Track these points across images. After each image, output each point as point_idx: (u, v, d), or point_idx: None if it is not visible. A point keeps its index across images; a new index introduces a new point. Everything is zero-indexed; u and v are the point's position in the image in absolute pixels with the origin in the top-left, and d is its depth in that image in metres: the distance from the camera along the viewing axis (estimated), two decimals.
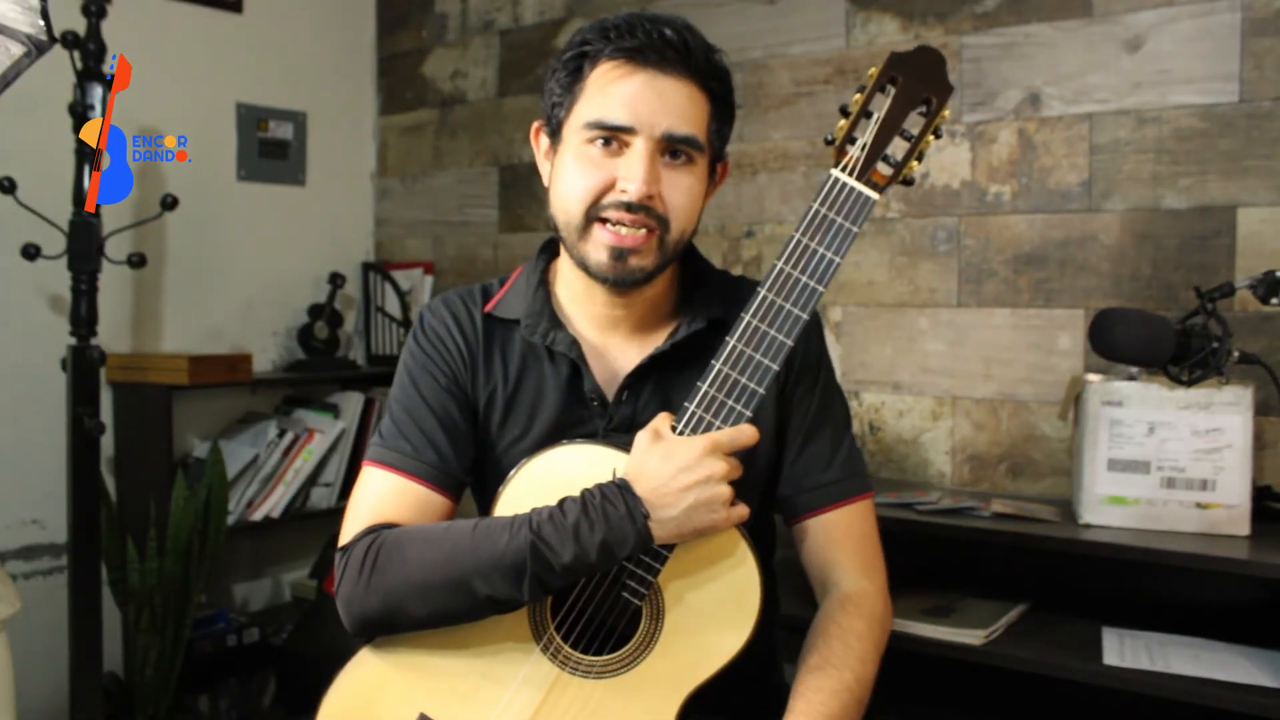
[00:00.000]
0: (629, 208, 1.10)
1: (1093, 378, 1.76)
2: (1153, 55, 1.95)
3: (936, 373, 2.18)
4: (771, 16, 2.38)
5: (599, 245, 1.12)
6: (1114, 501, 1.71)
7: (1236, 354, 1.65)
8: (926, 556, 1.97)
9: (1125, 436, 1.70)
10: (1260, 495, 1.74)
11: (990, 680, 1.76)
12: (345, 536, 1.16)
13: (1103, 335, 1.69)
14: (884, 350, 2.24)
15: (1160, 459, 1.68)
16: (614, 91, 1.11)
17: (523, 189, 2.81)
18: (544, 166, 1.22)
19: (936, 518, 1.81)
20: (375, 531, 1.13)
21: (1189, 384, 1.67)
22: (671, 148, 1.12)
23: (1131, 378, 1.72)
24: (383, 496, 1.17)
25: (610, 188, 1.11)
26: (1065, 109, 2.03)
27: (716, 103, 1.16)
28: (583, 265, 1.15)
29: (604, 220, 1.12)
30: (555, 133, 1.18)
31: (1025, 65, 2.07)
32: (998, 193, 2.11)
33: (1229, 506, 1.65)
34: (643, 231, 1.11)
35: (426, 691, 1.11)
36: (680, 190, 1.13)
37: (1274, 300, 1.62)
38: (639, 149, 1.10)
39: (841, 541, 1.20)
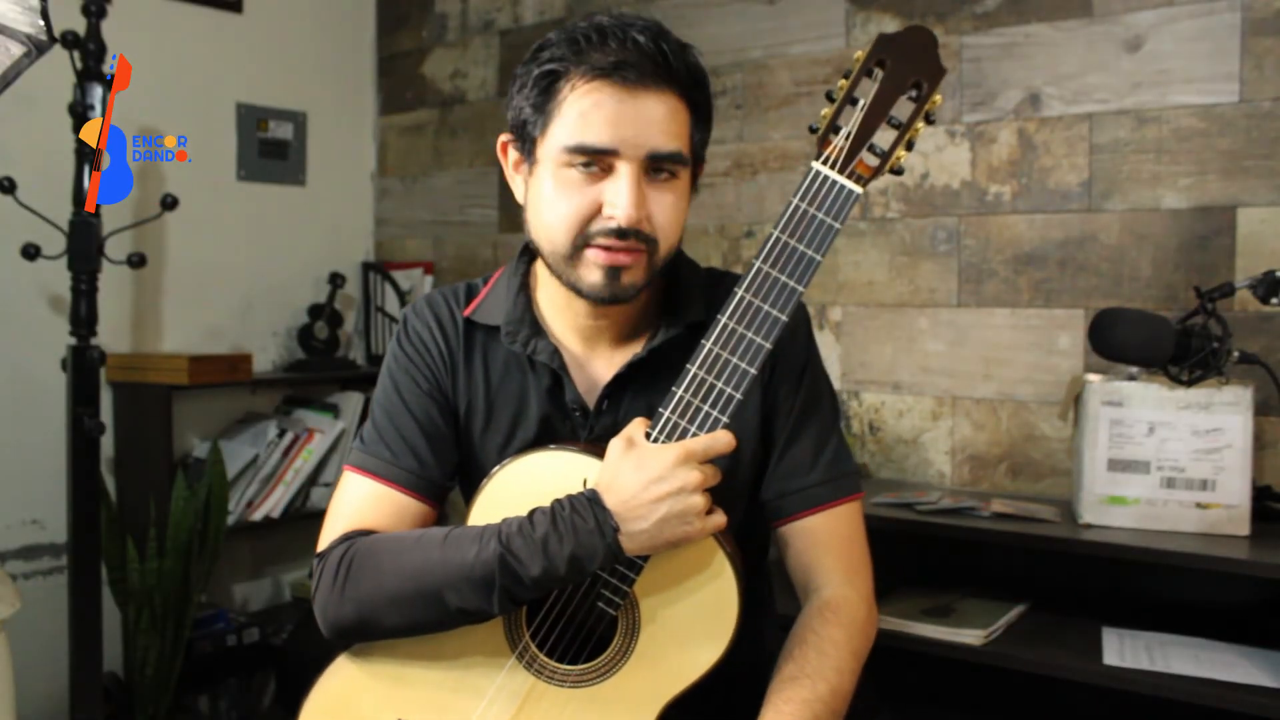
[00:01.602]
0: (619, 234, 1.06)
1: (1093, 378, 1.76)
2: (1153, 55, 1.95)
3: (936, 373, 2.18)
4: (771, 16, 2.38)
5: (592, 267, 1.08)
6: (1114, 501, 1.71)
7: (1236, 354, 1.65)
8: (926, 556, 1.97)
9: (1125, 436, 1.70)
10: (1260, 495, 1.74)
11: (990, 680, 1.76)
12: (323, 543, 1.15)
13: (1103, 335, 1.69)
14: (884, 350, 2.24)
15: (1160, 459, 1.68)
16: (594, 113, 1.05)
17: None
18: (515, 182, 1.18)
19: (936, 518, 1.81)
20: (350, 539, 1.12)
21: (1189, 384, 1.67)
22: (656, 165, 1.08)
23: (1131, 378, 1.72)
24: (361, 503, 1.16)
25: (596, 213, 1.07)
26: (1065, 109, 2.03)
27: (697, 110, 1.12)
28: (573, 287, 1.11)
29: (593, 246, 1.08)
30: (528, 151, 1.13)
31: (1025, 65, 2.07)
32: (998, 193, 2.11)
33: (1229, 506, 1.65)
34: (634, 252, 1.08)
35: (403, 698, 1.11)
36: (667, 208, 1.09)
37: (1274, 300, 1.62)
38: (624, 173, 1.05)
39: (824, 546, 1.16)
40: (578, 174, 1.07)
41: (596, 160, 1.06)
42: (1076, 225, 2.03)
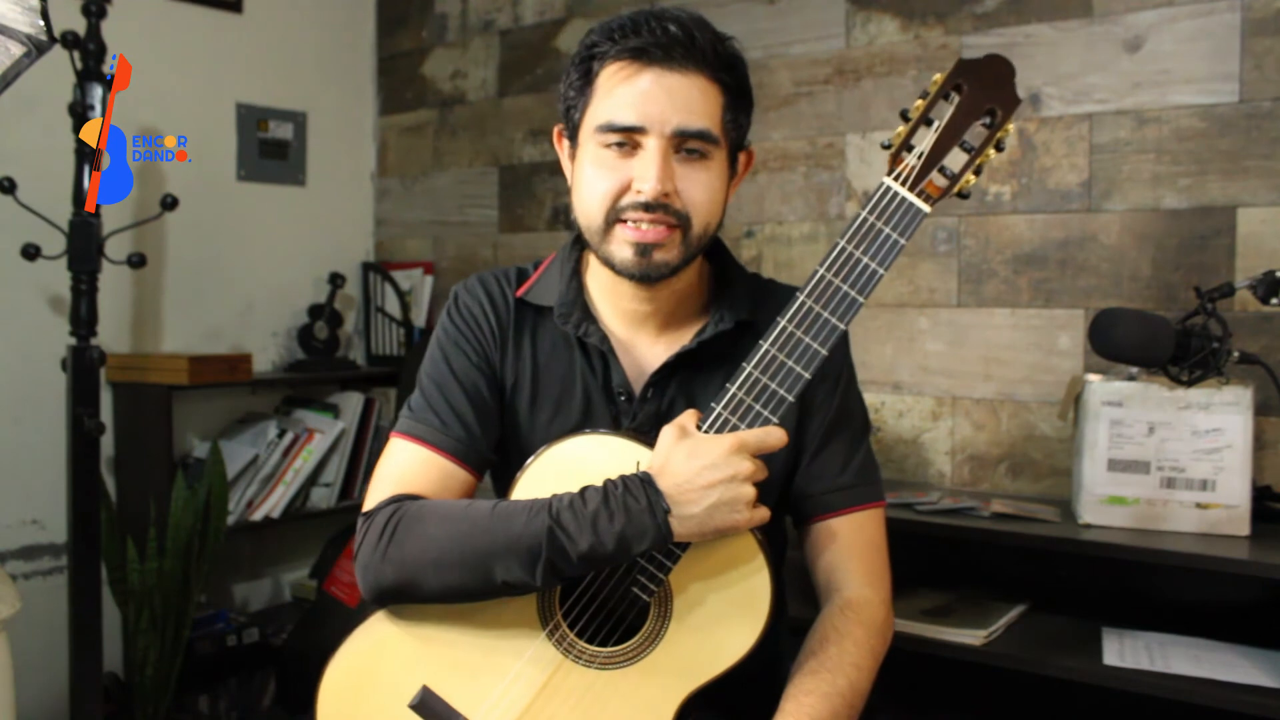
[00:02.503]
0: (646, 208, 1.10)
1: (1093, 378, 1.76)
2: (1153, 55, 1.95)
3: (936, 373, 2.18)
4: (771, 16, 2.38)
5: (622, 243, 1.12)
6: (1114, 501, 1.71)
7: (1236, 354, 1.65)
8: (926, 556, 1.97)
9: (1125, 436, 1.70)
10: (1260, 495, 1.74)
11: (990, 680, 1.76)
12: (369, 504, 1.17)
13: (1103, 335, 1.69)
14: (884, 350, 2.24)
15: (1160, 459, 1.68)
16: (622, 92, 1.11)
17: (523, 189, 2.81)
18: (568, 169, 1.22)
19: (936, 518, 1.81)
20: (399, 501, 1.14)
21: (1189, 384, 1.67)
22: (685, 144, 1.11)
23: (1131, 378, 1.72)
24: (408, 468, 1.18)
25: (627, 189, 1.11)
26: (1065, 109, 2.03)
27: (730, 93, 1.15)
28: (609, 264, 1.15)
29: (623, 221, 1.12)
30: (573, 136, 1.18)
31: (1025, 65, 2.07)
32: (998, 193, 2.11)
33: (1229, 506, 1.65)
34: (663, 227, 1.11)
35: (432, 664, 1.12)
36: (698, 185, 1.12)
37: (1274, 300, 1.62)
38: (651, 148, 1.10)
39: (849, 548, 1.19)
40: (611, 153, 1.12)
41: (626, 138, 1.11)
42: (1076, 225, 2.03)
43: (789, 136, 2.35)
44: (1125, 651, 1.62)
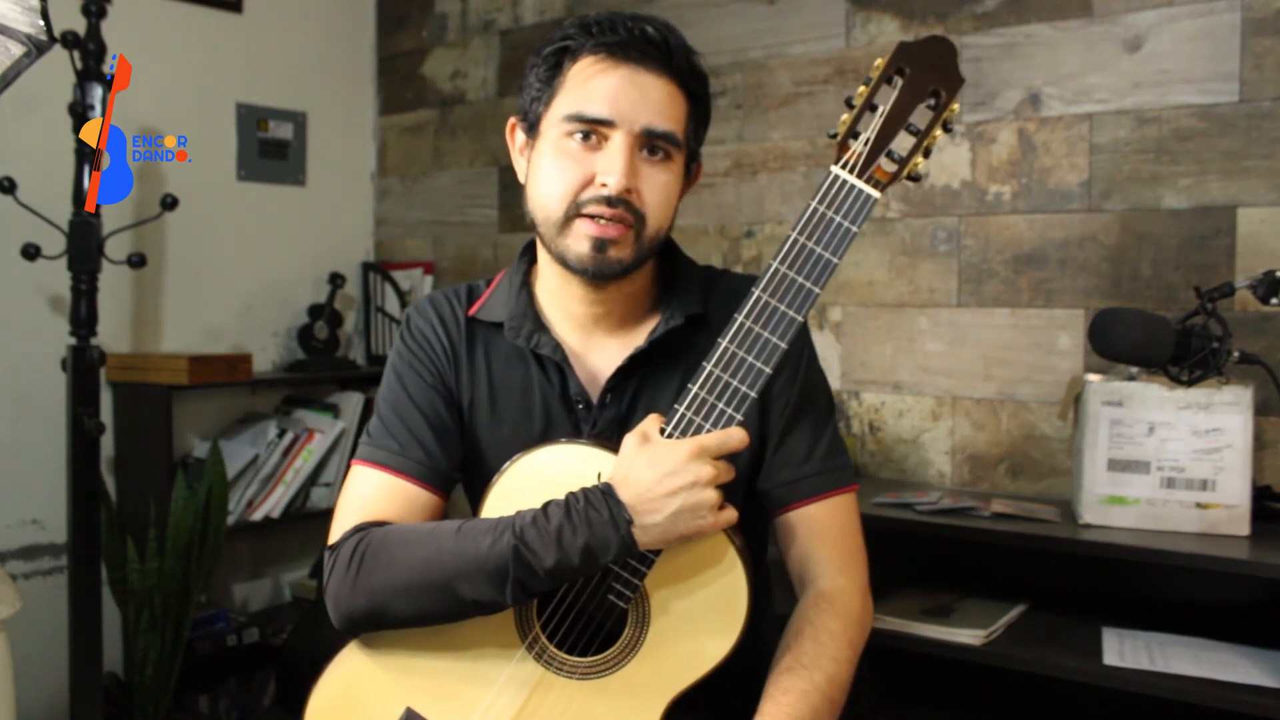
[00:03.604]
0: (609, 202, 1.10)
1: (1093, 378, 1.76)
2: (1153, 55, 1.95)
3: (936, 373, 2.18)
4: (771, 16, 2.38)
5: (580, 237, 1.12)
6: (1114, 501, 1.71)
7: (1236, 354, 1.65)
8: (926, 556, 1.97)
9: (1125, 436, 1.70)
10: (1260, 495, 1.74)
11: (990, 680, 1.76)
12: (334, 535, 1.16)
13: (1102, 335, 1.69)
14: (884, 350, 2.24)
15: (1160, 459, 1.68)
16: (594, 85, 1.11)
17: (523, 189, 2.80)
18: (519, 163, 1.22)
19: (936, 518, 1.81)
20: (363, 530, 1.13)
21: (1189, 384, 1.67)
22: (650, 143, 1.11)
23: (1131, 378, 1.72)
24: (371, 494, 1.17)
25: (589, 182, 1.11)
26: (1065, 109, 2.03)
27: (695, 103, 1.16)
28: (562, 259, 1.14)
29: (584, 215, 1.12)
30: (533, 127, 1.18)
31: (1025, 65, 2.07)
32: (998, 193, 2.11)
33: (1229, 506, 1.65)
34: (622, 225, 1.11)
35: (412, 687, 1.12)
36: (657, 187, 1.12)
37: (1274, 300, 1.62)
38: (618, 143, 1.10)
39: (820, 536, 1.18)
40: (575, 144, 1.12)
41: (594, 130, 1.11)
42: (1076, 225, 2.03)
43: (789, 136, 2.35)
44: (1125, 651, 1.62)
